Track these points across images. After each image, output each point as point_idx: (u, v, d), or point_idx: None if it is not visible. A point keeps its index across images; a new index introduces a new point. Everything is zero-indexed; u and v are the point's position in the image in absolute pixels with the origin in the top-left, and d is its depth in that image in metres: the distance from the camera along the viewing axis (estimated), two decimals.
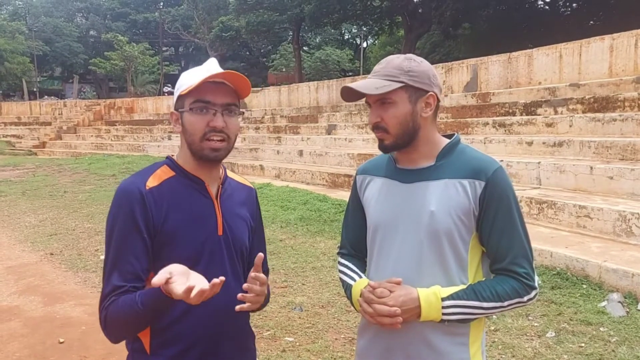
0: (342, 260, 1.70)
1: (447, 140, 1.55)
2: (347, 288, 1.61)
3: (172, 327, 1.44)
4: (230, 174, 1.66)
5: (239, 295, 1.42)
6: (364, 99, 1.52)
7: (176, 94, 1.49)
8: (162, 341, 1.45)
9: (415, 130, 1.48)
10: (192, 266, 1.43)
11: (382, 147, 1.51)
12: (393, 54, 1.59)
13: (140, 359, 1.47)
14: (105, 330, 1.43)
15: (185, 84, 1.46)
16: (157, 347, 1.45)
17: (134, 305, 1.33)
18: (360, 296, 1.48)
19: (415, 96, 1.47)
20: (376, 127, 1.49)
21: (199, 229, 1.48)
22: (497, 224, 1.45)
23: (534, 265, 1.49)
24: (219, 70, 1.48)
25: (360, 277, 1.60)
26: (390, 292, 1.42)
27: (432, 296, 1.42)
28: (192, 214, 1.47)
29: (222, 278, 1.26)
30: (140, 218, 1.41)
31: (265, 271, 1.72)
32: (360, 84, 1.47)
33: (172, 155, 1.57)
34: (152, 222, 1.43)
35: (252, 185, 1.73)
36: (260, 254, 1.42)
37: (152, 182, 1.47)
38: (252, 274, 1.43)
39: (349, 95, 1.53)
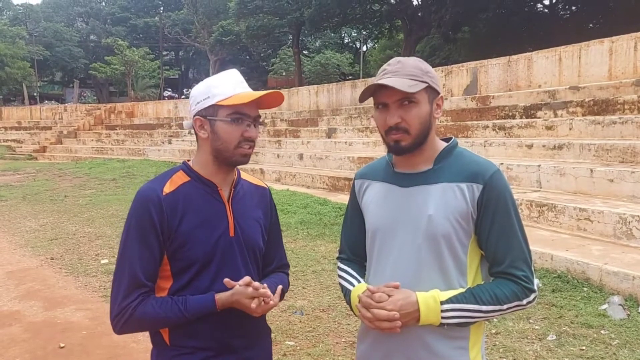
0: (342, 265, 1.69)
1: (444, 144, 1.54)
2: (346, 293, 1.61)
3: (189, 322, 1.53)
4: (244, 175, 1.72)
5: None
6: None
7: (206, 102, 1.54)
8: (180, 335, 1.55)
9: (429, 132, 1.48)
10: (205, 266, 1.55)
11: (398, 148, 1.47)
12: (393, 57, 1.58)
13: (162, 350, 1.58)
14: (121, 325, 1.51)
15: (219, 93, 1.53)
16: (175, 339, 1.56)
17: (176, 311, 1.49)
18: (359, 301, 1.47)
19: (432, 97, 1.48)
20: (395, 128, 1.44)
21: (211, 230, 1.56)
22: (495, 227, 1.44)
23: (533, 269, 1.48)
24: (245, 82, 1.59)
25: (359, 282, 1.60)
26: (389, 296, 1.41)
27: (431, 300, 1.41)
28: (205, 217, 1.56)
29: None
30: (157, 222, 1.51)
31: (286, 265, 1.83)
32: (392, 81, 1.42)
33: (188, 161, 1.65)
34: (168, 226, 1.51)
35: (266, 186, 1.80)
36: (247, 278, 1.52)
37: (168, 188, 1.56)
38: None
39: (366, 93, 1.49)
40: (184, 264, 1.53)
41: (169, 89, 50.98)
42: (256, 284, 1.50)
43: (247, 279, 1.50)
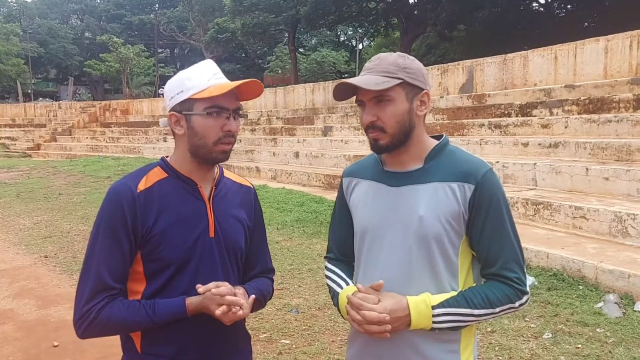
0: (329, 266, 1.64)
1: (435, 142, 1.50)
2: (334, 295, 1.56)
3: (162, 328, 1.44)
4: (227, 173, 1.64)
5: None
6: (353, 99, 1.46)
7: (180, 96, 1.45)
8: (153, 341, 1.46)
9: (410, 130, 1.43)
10: (182, 268, 1.45)
11: (377, 147, 1.45)
12: None
13: (132, 358, 1.49)
14: (83, 328, 1.41)
15: (193, 86, 1.43)
16: (147, 346, 1.47)
17: (143, 316, 1.40)
18: (348, 302, 1.41)
19: (412, 94, 1.42)
20: (371, 127, 1.42)
21: (189, 231, 1.46)
22: (487, 228, 1.41)
23: (525, 270, 1.46)
24: (222, 73, 1.50)
25: (348, 283, 1.56)
26: (378, 299, 1.37)
27: (422, 304, 1.37)
28: (182, 216, 1.46)
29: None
30: (129, 220, 1.41)
31: (271, 270, 1.73)
32: (358, 79, 1.41)
33: (167, 157, 1.56)
34: (141, 225, 1.42)
35: (250, 185, 1.70)
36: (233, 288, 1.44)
37: (143, 185, 1.46)
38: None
39: (342, 92, 1.46)
40: (158, 265, 1.44)
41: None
42: (224, 289, 1.38)
43: (214, 283, 1.39)
